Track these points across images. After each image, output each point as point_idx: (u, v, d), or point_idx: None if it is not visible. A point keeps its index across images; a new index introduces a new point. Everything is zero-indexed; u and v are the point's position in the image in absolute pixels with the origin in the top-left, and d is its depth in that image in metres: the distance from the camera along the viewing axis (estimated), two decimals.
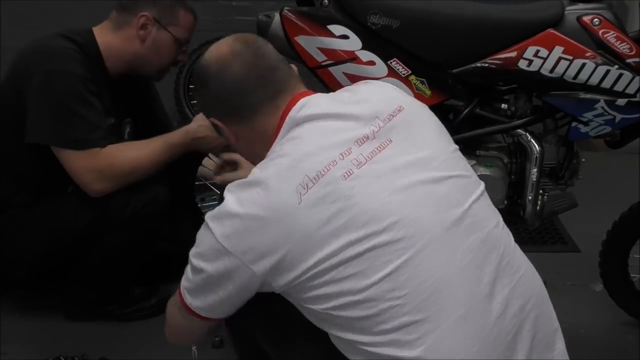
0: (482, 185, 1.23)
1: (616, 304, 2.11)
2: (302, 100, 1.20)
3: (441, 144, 1.22)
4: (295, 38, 1.80)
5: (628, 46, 1.72)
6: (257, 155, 1.23)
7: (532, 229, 2.47)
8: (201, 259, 1.16)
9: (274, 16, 1.82)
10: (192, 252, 1.19)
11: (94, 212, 1.86)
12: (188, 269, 1.21)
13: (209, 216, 1.15)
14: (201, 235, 1.16)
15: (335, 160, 1.11)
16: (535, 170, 1.87)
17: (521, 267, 1.17)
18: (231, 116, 1.25)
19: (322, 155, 1.12)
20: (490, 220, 1.18)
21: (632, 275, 2.08)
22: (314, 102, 1.20)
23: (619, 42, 1.72)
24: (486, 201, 1.22)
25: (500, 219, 1.22)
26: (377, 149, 1.14)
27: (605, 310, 2.18)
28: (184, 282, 1.23)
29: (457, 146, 1.25)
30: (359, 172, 1.11)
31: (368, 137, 1.15)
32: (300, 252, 1.08)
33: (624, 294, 2.09)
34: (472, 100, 1.88)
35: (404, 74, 1.82)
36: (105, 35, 1.92)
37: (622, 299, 2.10)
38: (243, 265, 1.12)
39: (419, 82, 1.83)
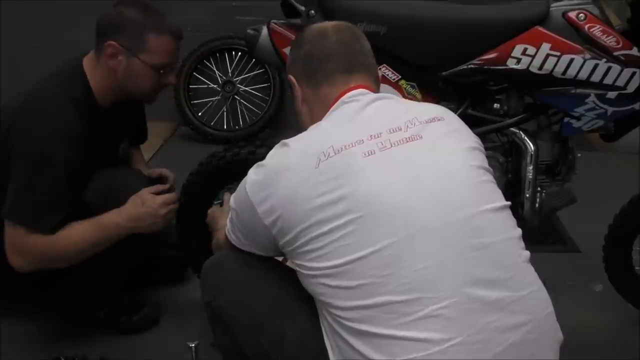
0: (506, 203, 1.23)
1: (623, 297, 2.09)
2: (363, 90, 1.31)
3: (467, 159, 1.23)
4: (284, 50, 1.80)
5: (615, 39, 1.73)
6: (314, 122, 1.32)
7: (532, 229, 2.44)
8: (234, 200, 1.32)
9: (261, 29, 1.84)
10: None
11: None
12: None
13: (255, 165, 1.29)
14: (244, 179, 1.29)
15: (363, 139, 1.19)
16: (531, 167, 1.87)
17: (526, 288, 1.16)
18: (306, 76, 1.37)
19: (353, 133, 1.21)
20: (504, 234, 1.18)
21: (636, 268, 2.07)
22: (369, 94, 1.31)
23: (605, 35, 1.73)
24: (506, 216, 1.22)
25: (518, 236, 1.22)
26: (406, 139, 1.21)
27: (605, 310, 2.17)
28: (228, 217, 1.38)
29: (491, 177, 1.26)
30: (380, 154, 1.18)
31: (401, 129, 1.22)
32: (296, 212, 1.17)
33: (630, 287, 2.07)
34: (464, 101, 1.88)
35: (393, 79, 1.83)
36: (92, 71, 1.82)
37: (629, 293, 2.08)
38: (257, 214, 1.23)
39: (409, 86, 1.84)
